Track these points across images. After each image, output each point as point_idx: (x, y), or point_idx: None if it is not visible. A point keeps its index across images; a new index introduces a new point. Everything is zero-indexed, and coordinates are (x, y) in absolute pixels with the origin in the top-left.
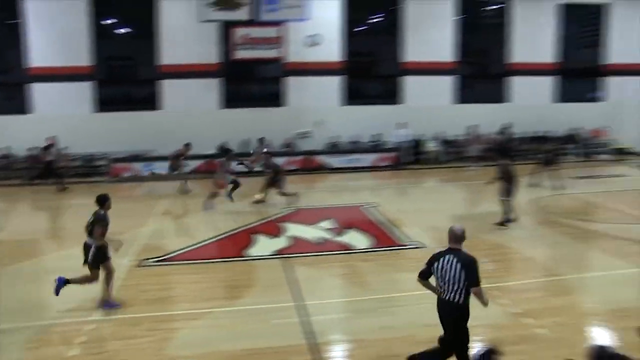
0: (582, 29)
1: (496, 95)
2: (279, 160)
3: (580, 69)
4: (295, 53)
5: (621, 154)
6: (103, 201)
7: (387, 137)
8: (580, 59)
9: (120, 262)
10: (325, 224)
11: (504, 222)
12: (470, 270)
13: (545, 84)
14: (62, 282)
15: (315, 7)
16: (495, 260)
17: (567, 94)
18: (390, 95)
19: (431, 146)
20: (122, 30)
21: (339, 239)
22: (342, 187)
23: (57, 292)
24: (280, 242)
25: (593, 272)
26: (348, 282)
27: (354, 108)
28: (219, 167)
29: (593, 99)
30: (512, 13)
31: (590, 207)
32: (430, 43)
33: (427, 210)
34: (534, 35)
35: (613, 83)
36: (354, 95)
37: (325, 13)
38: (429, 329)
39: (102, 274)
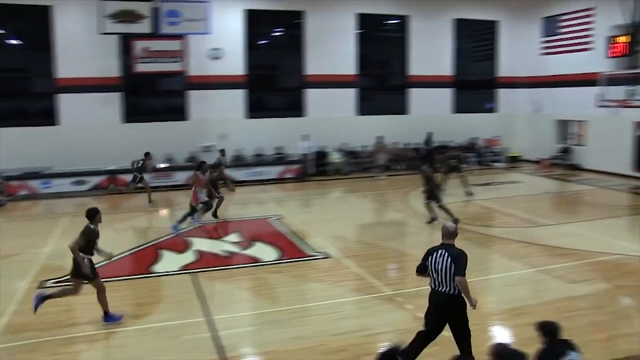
0: (476, 43)
1: (397, 106)
2: (183, 175)
3: (475, 82)
4: (198, 66)
5: (513, 161)
6: (93, 215)
7: (292, 150)
8: (475, 71)
9: (19, 284)
10: (232, 238)
11: (455, 220)
12: (458, 262)
13: (443, 96)
14: (42, 299)
15: (218, 21)
16: (399, 267)
17: (463, 105)
18: (293, 107)
19: (335, 157)
20: (14, 42)
21: (246, 252)
22: (248, 200)
23: (36, 309)
24: (187, 257)
25: (492, 275)
26: (257, 294)
27: (258, 121)
28: (195, 180)
29: (487, 110)
30: (410, 27)
31: (487, 213)
32: (332, 56)
33: (332, 221)
34: (431, 49)
35: (504, 95)
36: (258, 108)
37: (228, 26)
38: (339, 338)
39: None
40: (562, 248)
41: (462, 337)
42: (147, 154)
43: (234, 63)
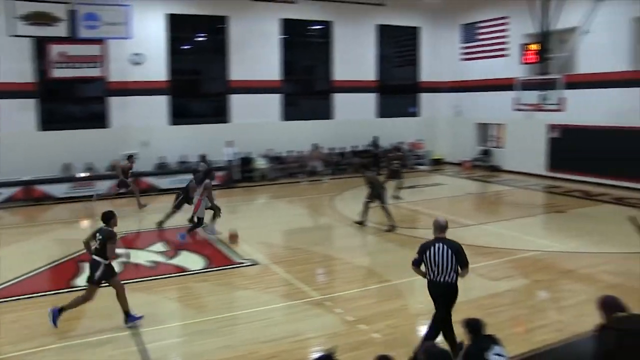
0: (399, 49)
1: (322, 111)
2: (105, 184)
3: (398, 86)
4: (119, 72)
5: (436, 164)
6: (109, 218)
7: (216, 156)
8: (398, 76)
9: None
10: (157, 247)
11: (392, 227)
12: (459, 254)
13: (368, 101)
14: (57, 312)
15: (139, 25)
16: (328, 272)
17: (387, 110)
18: (218, 113)
19: (260, 163)
20: None
21: (172, 261)
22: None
23: (55, 323)
24: None
25: (419, 275)
26: (184, 304)
27: (181, 127)
28: (198, 190)
29: (410, 114)
30: (334, 33)
31: (413, 215)
32: (257, 61)
33: (259, 227)
34: (355, 54)
35: (426, 99)
36: (181, 115)
37: (149, 31)
38: (269, 345)
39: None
40: (484, 247)
41: (442, 318)
42: (130, 157)
43: (156, 68)
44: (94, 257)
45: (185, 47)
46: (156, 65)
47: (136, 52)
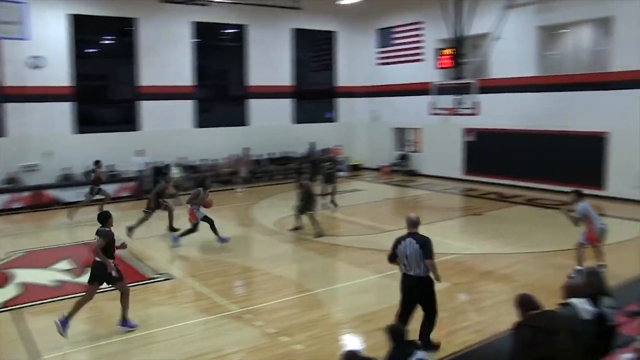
0: (315, 53)
1: (237, 117)
2: (1, 198)
3: (315, 91)
4: (16, 76)
5: (355, 169)
6: (105, 219)
7: (126, 166)
8: (315, 81)
9: None
10: (62, 265)
11: (319, 235)
12: (426, 247)
13: (284, 106)
14: (65, 321)
15: (38, 26)
16: (246, 284)
17: (304, 115)
18: (127, 121)
19: (174, 172)
20: None
21: (80, 279)
22: (80, 222)
23: (64, 334)
24: (7, 292)
25: (339, 284)
26: (94, 325)
27: (87, 136)
28: (195, 198)
29: (327, 119)
30: (249, 37)
31: (332, 222)
32: (168, 66)
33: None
34: (271, 59)
35: (343, 104)
36: (88, 122)
37: (50, 32)
38: None
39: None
40: None
41: (429, 319)
42: (97, 162)
43: (59, 73)
44: (96, 258)
45: (91, 50)
46: (58, 69)
47: (35, 55)
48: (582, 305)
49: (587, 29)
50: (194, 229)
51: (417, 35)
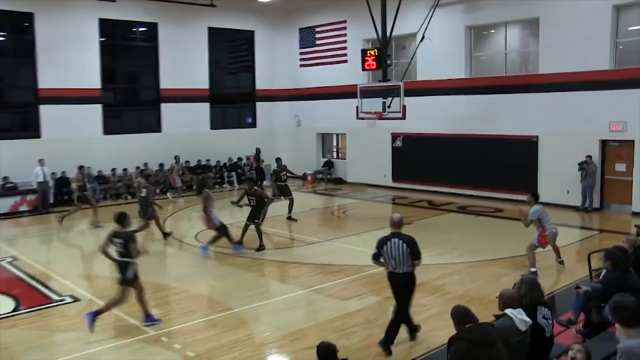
0: (233, 54)
1: (148, 123)
2: None
3: (233, 95)
4: None
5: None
6: (123, 218)
7: (24, 178)
8: (233, 84)
9: None
10: None
11: (260, 248)
12: (413, 247)
13: (200, 111)
14: (93, 315)
15: None
16: (162, 303)
17: (222, 121)
18: (26, 127)
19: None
20: None
21: None
22: None
23: (91, 328)
24: None
25: (263, 301)
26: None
27: None
28: (208, 202)
29: (247, 125)
30: (160, 36)
31: (254, 235)
32: (72, 67)
33: (78, 258)
34: (185, 60)
35: (263, 108)
36: None
37: None
38: None
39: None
40: (332, 265)
41: (403, 305)
42: (80, 167)
43: None
44: (121, 259)
45: None
46: None
47: None
48: (518, 315)
49: (515, 30)
50: (223, 231)
51: (341, 35)
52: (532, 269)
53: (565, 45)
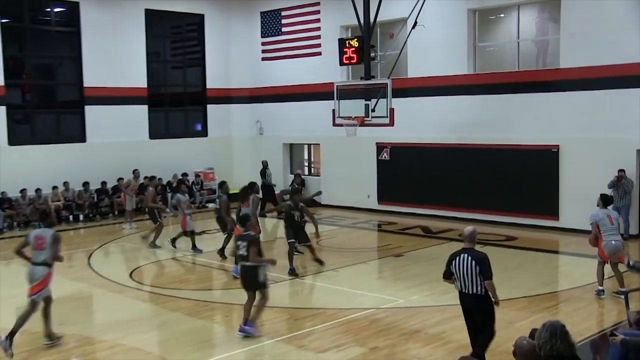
0: (178, 44)
1: (69, 131)
2: None
3: (178, 95)
4: None
5: (235, 200)
6: (245, 221)
7: None
8: (178, 82)
9: None
10: None
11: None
12: (483, 265)
13: (136, 115)
14: (250, 325)
15: None
16: None
17: (164, 128)
18: None
19: None
20: None
21: None
22: None
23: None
24: None
25: (217, 355)
26: None
27: None
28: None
29: (196, 134)
30: (82, 19)
31: (205, 272)
32: None
33: None
34: (116, 51)
35: (217, 112)
36: None
37: None
38: None
39: None
40: (305, 308)
41: (483, 335)
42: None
43: None
44: (248, 264)
45: None
46: None
47: None
48: None
49: (531, 14)
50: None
51: (313, 21)
52: (599, 288)
53: (594, 32)
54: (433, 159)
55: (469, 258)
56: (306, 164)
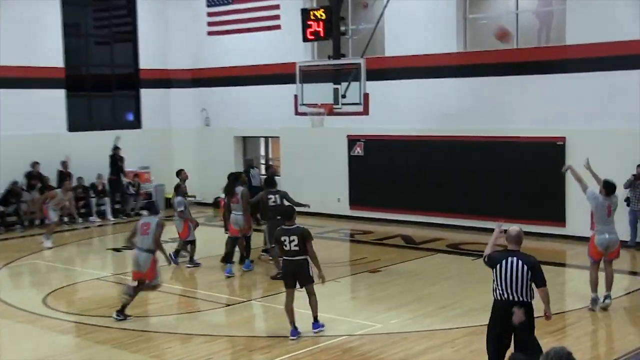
0: (101, 14)
1: None
2: None
3: (103, 78)
4: None
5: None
6: (292, 214)
7: None
8: (102, 61)
9: None
10: None
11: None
12: (536, 271)
13: (50, 102)
14: (316, 326)
15: None
16: None
17: (86, 118)
18: None
19: None
20: None
21: None
22: None
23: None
24: None
25: None
26: None
27: None
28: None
29: (127, 125)
30: None
31: (141, 294)
32: None
33: None
34: (20, 23)
35: (152, 99)
36: None
37: None
38: None
39: None
40: (261, 337)
41: (529, 346)
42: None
43: None
44: (298, 257)
45: None
46: None
47: None
48: None
49: None
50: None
51: None
52: (592, 295)
53: (607, 1)
54: (416, 154)
55: (519, 262)
56: (263, 161)
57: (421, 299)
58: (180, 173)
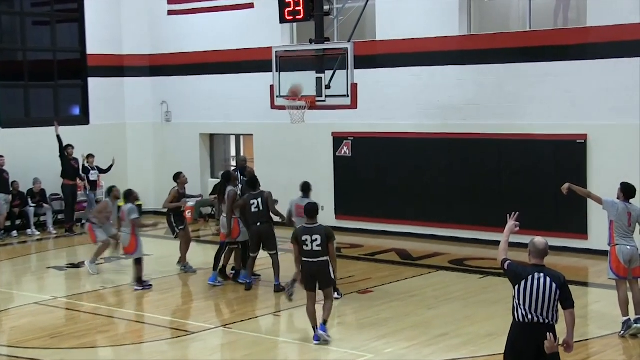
0: None
1: None
2: None
3: (41, 65)
4: None
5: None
6: (315, 211)
7: None
8: (42, 45)
9: None
10: None
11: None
12: (565, 289)
13: None
14: (323, 329)
15: None
16: None
17: (21, 112)
18: None
19: None
20: None
21: None
22: None
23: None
24: None
25: None
26: None
27: None
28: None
29: (72, 120)
30: None
31: (95, 320)
32: None
33: None
34: None
35: (101, 89)
36: None
37: None
38: None
39: None
40: None
41: None
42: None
43: None
44: (321, 258)
45: None
46: None
47: None
48: None
49: None
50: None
51: None
52: (623, 318)
53: None
54: (412, 155)
55: (547, 279)
56: (233, 162)
57: (419, 324)
58: (178, 177)
